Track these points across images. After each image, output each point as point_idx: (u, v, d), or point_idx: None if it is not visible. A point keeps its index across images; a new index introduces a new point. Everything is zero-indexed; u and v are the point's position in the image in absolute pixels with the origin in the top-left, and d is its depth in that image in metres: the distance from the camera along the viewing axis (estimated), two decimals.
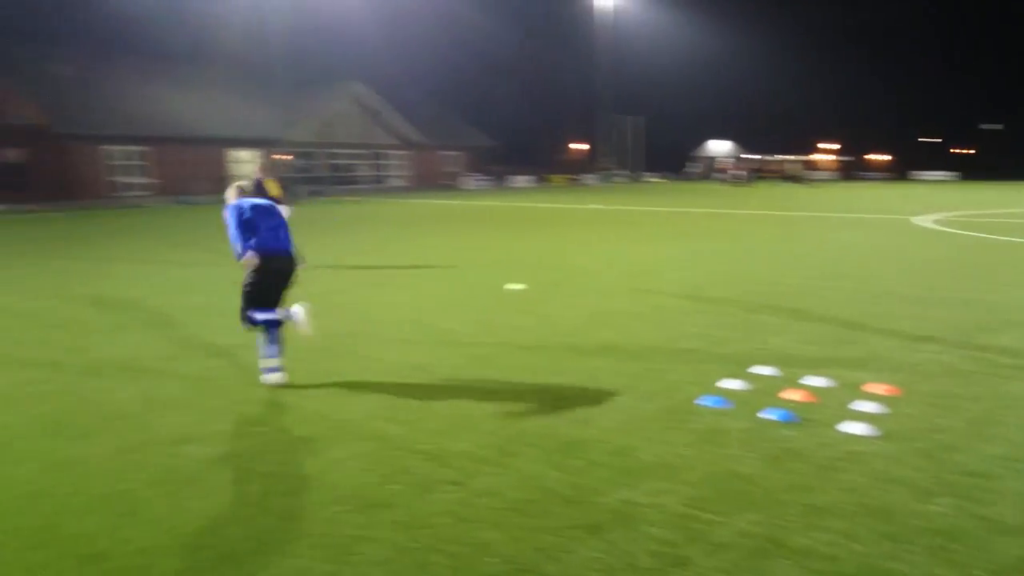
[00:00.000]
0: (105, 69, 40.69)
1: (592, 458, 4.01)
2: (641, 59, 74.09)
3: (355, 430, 4.47)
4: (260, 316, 5.28)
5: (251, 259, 5.20)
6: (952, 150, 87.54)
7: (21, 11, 40.28)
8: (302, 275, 5.72)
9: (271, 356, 5.36)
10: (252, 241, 5.25)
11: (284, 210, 11.49)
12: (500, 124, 62.30)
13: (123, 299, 9.13)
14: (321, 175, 46.76)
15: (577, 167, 69.38)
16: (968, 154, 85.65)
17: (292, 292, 5.58)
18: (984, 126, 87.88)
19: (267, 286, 5.34)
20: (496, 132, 59.47)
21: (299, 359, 6.09)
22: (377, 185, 50.57)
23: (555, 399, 5.01)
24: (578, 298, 8.75)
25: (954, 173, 68.43)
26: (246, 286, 5.34)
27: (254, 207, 5.41)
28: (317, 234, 17.60)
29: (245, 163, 43.55)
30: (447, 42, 63.41)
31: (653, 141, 74.98)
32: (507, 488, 3.65)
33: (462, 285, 9.92)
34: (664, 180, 70.30)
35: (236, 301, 5.49)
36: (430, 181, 52.44)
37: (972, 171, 67.71)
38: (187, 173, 38.97)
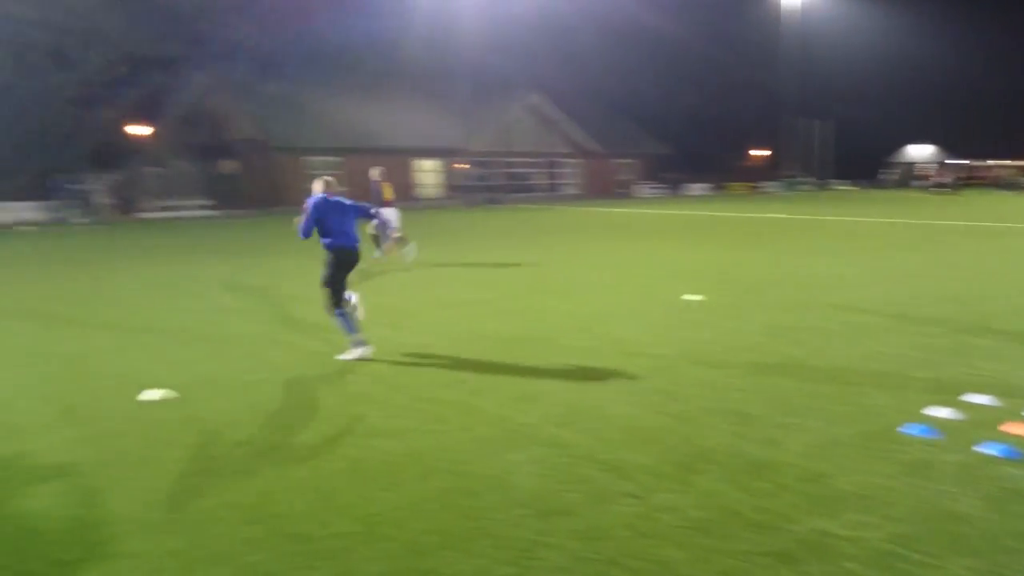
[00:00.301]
0: (307, 86, 44.30)
1: (781, 482, 3.79)
2: (829, 58, 69.55)
3: (532, 434, 4.51)
4: (337, 305, 6.43)
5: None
6: None
7: (238, 37, 44.81)
8: (470, 284, 5.87)
9: (354, 332, 6.42)
10: (327, 239, 6.40)
11: (392, 211, 12.98)
12: (677, 130, 60.92)
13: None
14: (498, 183, 48.12)
15: (758, 174, 66.49)
16: None
17: (480, 296, 5.74)
18: None
19: (340, 277, 6.43)
20: (672, 139, 58.27)
21: (476, 363, 6.27)
22: (551, 193, 51.24)
23: (739, 417, 4.79)
24: (759, 311, 8.34)
25: None
26: (326, 279, 6.42)
27: (331, 205, 6.46)
28: (487, 241, 18.13)
29: (427, 172, 45.85)
30: (623, 48, 62.91)
31: (842, 146, 70.28)
32: (688, 506, 3.53)
33: (636, 294, 9.78)
34: (854, 188, 65.73)
35: (377, 299, 5.73)
36: (603, 189, 52.39)
37: None
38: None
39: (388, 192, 13.60)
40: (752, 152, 73.66)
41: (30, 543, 3.30)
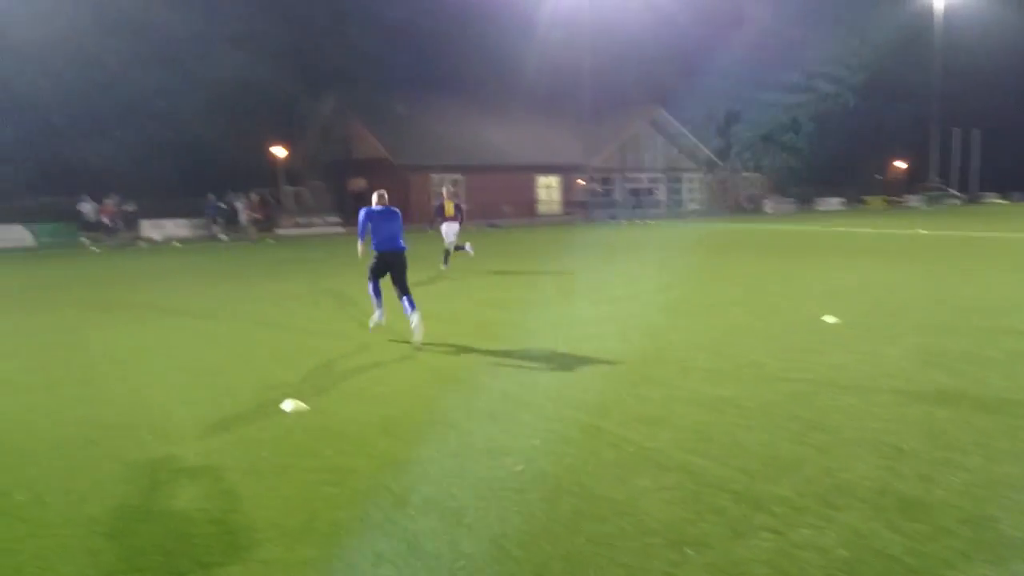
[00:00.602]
0: (431, 105, 45.75)
1: (939, 524, 3.48)
2: (978, 64, 64.62)
3: (662, 460, 4.37)
4: (371, 289, 8.28)
5: (361, 247, 8.37)
6: None
7: (361, 59, 46.96)
8: (593, 301, 5.76)
9: (378, 308, 8.38)
10: (374, 241, 7.96)
11: (448, 226, 14.03)
12: (809, 142, 58.45)
13: (446, 313, 10.04)
14: (618, 199, 47.78)
15: (899, 187, 62.66)
16: None
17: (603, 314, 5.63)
18: None
19: (381, 269, 8.10)
20: (802, 151, 55.89)
21: (601, 384, 6.17)
22: (675, 209, 50.34)
23: (887, 449, 4.45)
24: (904, 336, 7.78)
25: None
26: (369, 271, 8.19)
27: (376, 213, 8.04)
28: (617, 257, 17.93)
29: (548, 188, 46.12)
30: (752, 58, 60.97)
31: (990, 157, 65.11)
32: (833, 544, 3.29)
33: (769, 314, 9.37)
34: (1005, 201, 60.72)
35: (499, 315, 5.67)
36: (729, 204, 50.96)
37: None
38: (497, 198, 42.21)
39: (449, 208, 14.91)
40: (894, 163, 69.44)
41: (177, 543, 3.49)
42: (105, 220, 29.42)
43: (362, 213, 8.07)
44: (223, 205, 32.47)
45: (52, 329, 9.58)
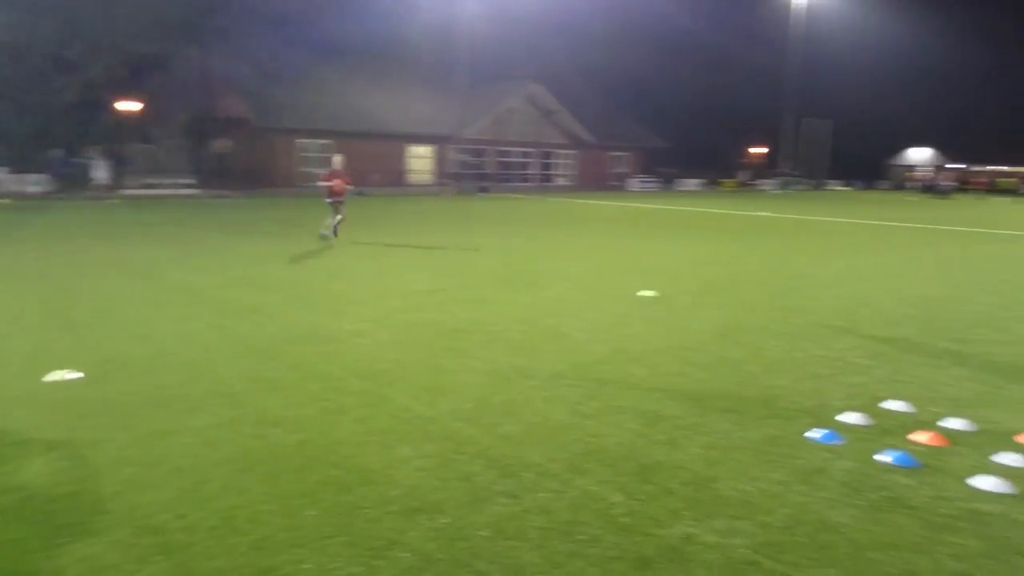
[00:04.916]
0: (302, 67, 43.95)
1: (666, 485, 3.71)
2: (832, 57, 69.04)
3: (432, 429, 4.42)
4: None
5: None
6: None
7: (233, 17, 44.48)
8: (431, 272, 5.75)
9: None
10: None
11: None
12: (675, 125, 60.58)
13: (272, 281, 9.75)
14: (490, 172, 47.91)
15: (754, 172, 66.22)
16: None
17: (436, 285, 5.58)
18: None
19: None
20: (670, 133, 57.96)
21: (404, 353, 6.18)
22: (545, 183, 51.05)
23: (649, 415, 4.70)
24: (712, 310, 8.25)
25: None
26: None
27: None
28: (471, 229, 18.00)
29: (420, 158, 45.63)
30: (624, 39, 62.36)
31: (840, 146, 69.98)
32: (562, 508, 3.44)
33: (592, 288, 9.68)
34: (849, 189, 65.53)
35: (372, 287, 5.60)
36: (597, 181, 52.18)
37: None
38: (367, 166, 41.32)
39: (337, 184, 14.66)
40: (751, 150, 73.35)
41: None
42: None
43: None
44: (73, 161, 30.08)
45: None
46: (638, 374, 5.67)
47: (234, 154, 40.08)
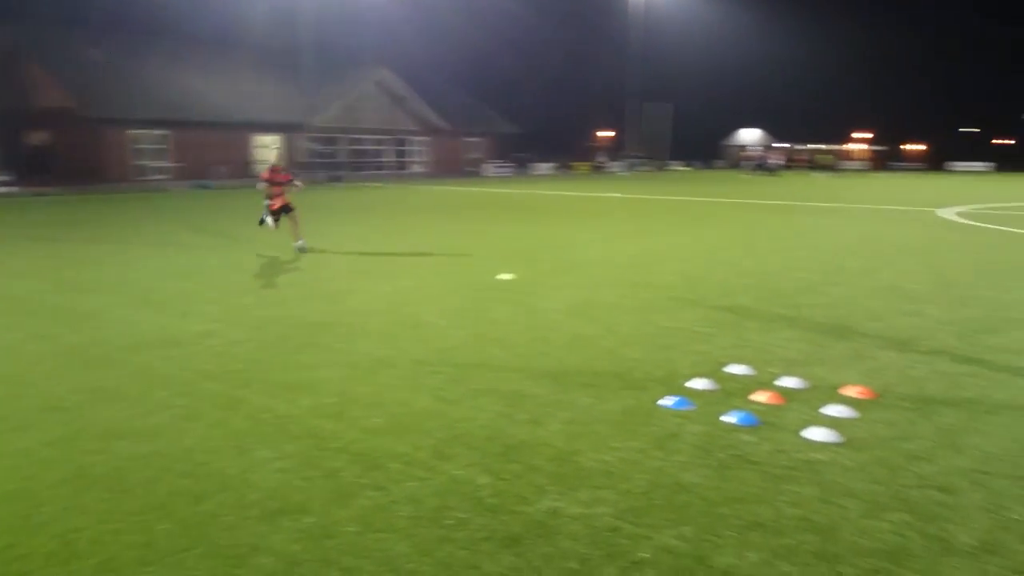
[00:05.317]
0: (133, 53, 40.92)
1: (531, 463, 3.79)
2: (671, 45, 72.71)
3: (293, 428, 4.28)
4: None
5: None
6: (993, 141, 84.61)
7: None
8: (286, 267, 5.52)
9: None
10: None
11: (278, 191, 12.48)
12: (526, 111, 61.73)
13: (109, 283, 9.06)
14: (343, 160, 46.78)
15: (602, 155, 68.66)
16: (1007, 145, 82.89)
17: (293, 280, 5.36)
18: None
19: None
20: (521, 119, 58.94)
21: (260, 352, 5.94)
22: (399, 171, 50.47)
23: (511, 396, 4.79)
24: (567, 290, 8.50)
25: (990, 164, 66.46)
26: None
27: None
28: (325, 220, 17.51)
29: (267, 147, 43.76)
30: (473, 28, 62.76)
31: (680, 129, 73.95)
32: (430, 495, 3.44)
33: (454, 275, 9.70)
34: (689, 169, 69.35)
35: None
36: (452, 167, 52.21)
37: (1009, 162, 65.74)
38: (210, 157, 39.17)
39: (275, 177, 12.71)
40: (598, 133, 75.98)
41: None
42: None
43: None
44: None
45: None
46: (499, 356, 5.75)
47: (55, 147, 36.76)
